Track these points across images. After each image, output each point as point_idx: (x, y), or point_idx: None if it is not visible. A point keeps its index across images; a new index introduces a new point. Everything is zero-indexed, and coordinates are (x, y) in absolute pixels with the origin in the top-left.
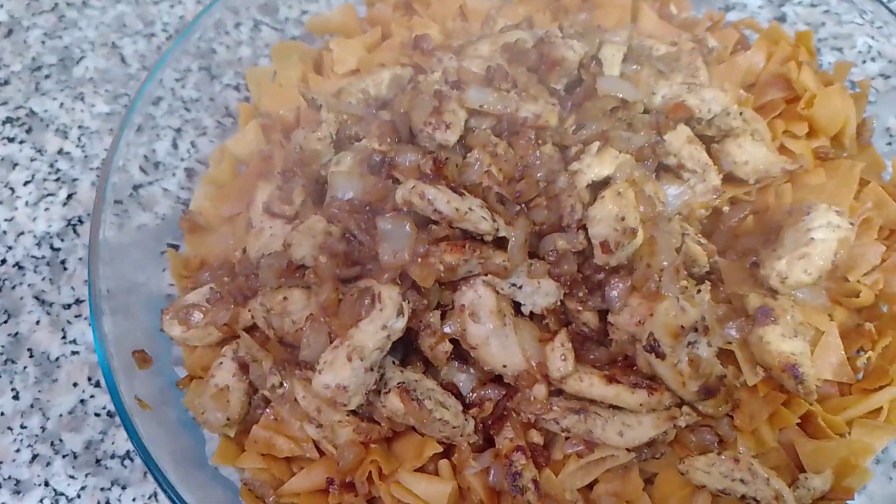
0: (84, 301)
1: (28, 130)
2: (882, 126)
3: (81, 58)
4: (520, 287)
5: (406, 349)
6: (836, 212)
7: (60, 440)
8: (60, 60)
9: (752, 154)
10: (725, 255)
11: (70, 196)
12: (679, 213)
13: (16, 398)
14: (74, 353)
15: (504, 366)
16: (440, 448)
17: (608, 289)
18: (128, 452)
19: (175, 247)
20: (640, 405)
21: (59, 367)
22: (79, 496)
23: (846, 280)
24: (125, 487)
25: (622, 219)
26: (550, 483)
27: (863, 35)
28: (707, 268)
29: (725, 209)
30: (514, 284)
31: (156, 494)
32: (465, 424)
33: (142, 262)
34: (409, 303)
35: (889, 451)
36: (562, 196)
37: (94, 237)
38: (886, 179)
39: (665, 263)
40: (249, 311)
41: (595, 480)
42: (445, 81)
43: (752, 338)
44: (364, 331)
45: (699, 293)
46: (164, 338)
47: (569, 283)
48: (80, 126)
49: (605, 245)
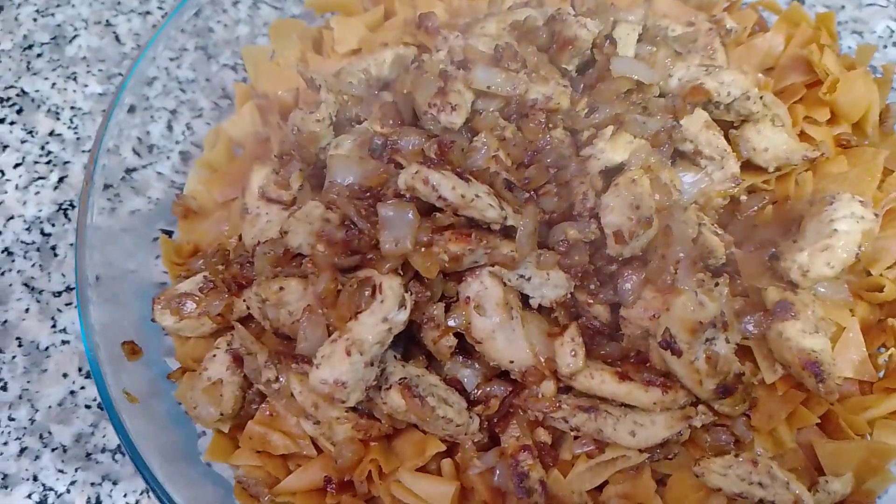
0: (75, 288)
1: (18, 111)
2: None
3: (74, 36)
4: (528, 279)
5: (408, 343)
6: (860, 202)
7: (49, 433)
8: (53, 39)
9: (773, 140)
10: (742, 247)
11: (61, 179)
12: (695, 202)
13: (3, 389)
14: (64, 343)
15: (511, 361)
16: (443, 446)
17: (621, 281)
18: (119, 446)
19: (169, 233)
20: (654, 404)
21: (49, 357)
22: (68, 491)
23: (868, 274)
24: (116, 483)
25: (637, 207)
26: (558, 484)
27: (884, 18)
28: (723, 260)
29: (743, 198)
30: (522, 276)
31: (148, 491)
32: (470, 422)
33: (133, 249)
34: (412, 294)
35: None
36: (573, 183)
37: (82, 222)
38: None
39: (681, 255)
40: (244, 301)
41: (605, 482)
42: (451, 61)
43: (771, 333)
44: (364, 323)
45: (717, 287)
46: (155, 328)
47: (579, 275)
48: (73, 107)
49: (619, 235)
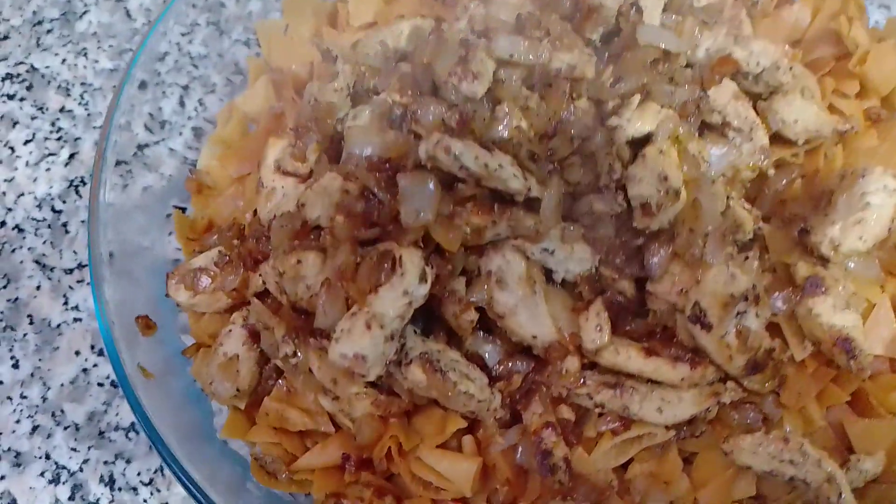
0: (87, 266)
1: (28, 87)
2: None
3: (84, 12)
4: (551, 252)
5: (428, 318)
6: (893, 175)
7: (62, 411)
8: (62, 14)
9: (802, 113)
10: (770, 222)
11: (72, 156)
12: (723, 175)
13: (15, 367)
14: (77, 321)
15: (533, 336)
16: (464, 423)
17: (648, 255)
18: (132, 424)
19: (182, 209)
20: (682, 380)
21: (61, 335)
22: (81, 470)
23: None
24: (130, 461)
25: (665, 179)
26: (582, 462)
27: None
28: (751, 235)
29: (771, 172)
30: (546, 249)
31: (162, 469)
32: (492, 398)
33: (146, 226)
34: (433, 268)
35: None
36: (599, 154)
37: (94, 199)
38: None
39: (710, 228)
40: (260, 276)
41: (630, 460)
42: (472, 31)
43: (801, 310)
44: (384, 297)
45: (748, 260)
46: (169, 305)
47: (605, 249)
48: (83, 83)
49: (647, 207)
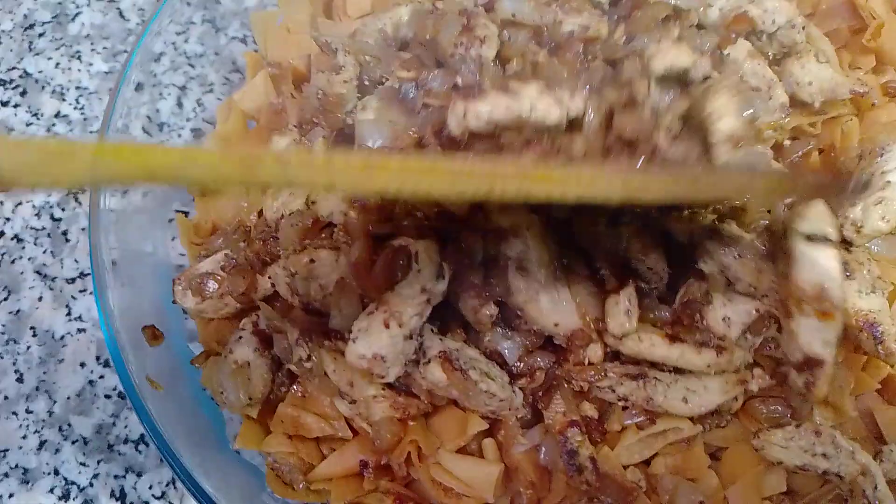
0: (89, 274)
1: (22, 93)
2: None
3: (77, 13)
4: None
5: (444, 314)
6: None
7: (69, 425)
8: (54, 17)
9: (817, 74)
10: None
11: None
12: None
13: (20, 381)
14: (80, 331)
15: (555, 324)
16: (485, 424)
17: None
18: (142, 436)
19: (184, 213)
20: (708, 366)
21: (65, 346)
22: (91, 485)
23: None
24: (141, 474)
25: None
26: (608, 462)
27: None
28: None
29: (787, 143)
30: None
31: (174, 481)
32: (514, 397)
33: (148, 231)
34: (450, 263)
35: None
36: (634, 83)
37: (95, 205)
38: None
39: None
40: (269, 279)
41: (653, 454)
42: (475, 4)
43: None
44: (401, 294)
45: None
46: (175, 311)
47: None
48: (78, 86)
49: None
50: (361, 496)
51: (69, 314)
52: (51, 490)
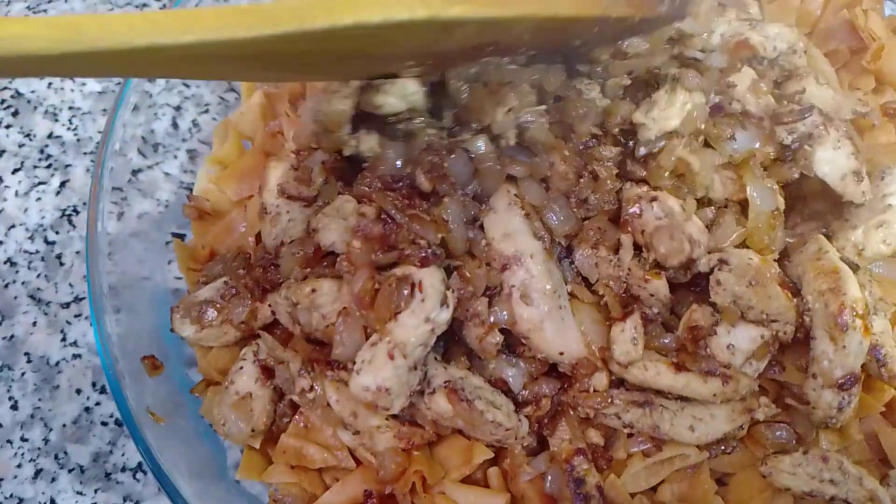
0: (83, 299)
1: (14, 113)
2: None
3: None
4: None
5: (448, 341)
6: None
7: (65, 453)
8: None
9: (819, 96)
10: (791, 215)
11: (63, 184)
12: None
13: (14, 408)
14: (76, 357)
15: (560, 353)
16: (491, 453)
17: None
18: (140, 464)
19: (181, 236)
20: (714, 395)
21: (61, 373)
22: None
23: None
24: (139, 503)
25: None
26: (615, 489)
27: None
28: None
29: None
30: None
31: None
32: (520, 425)
33: (144, 255)
34: (454, 291)
35: None
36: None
37: (93, 229)
38: None
39: None
40: (269, 307)
41: (660, 481)
42: None
43: None
44: (405, 324)
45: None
46: (173, 338)
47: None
48: (71, 107)
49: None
50: None
51: (64, 339)
52: None
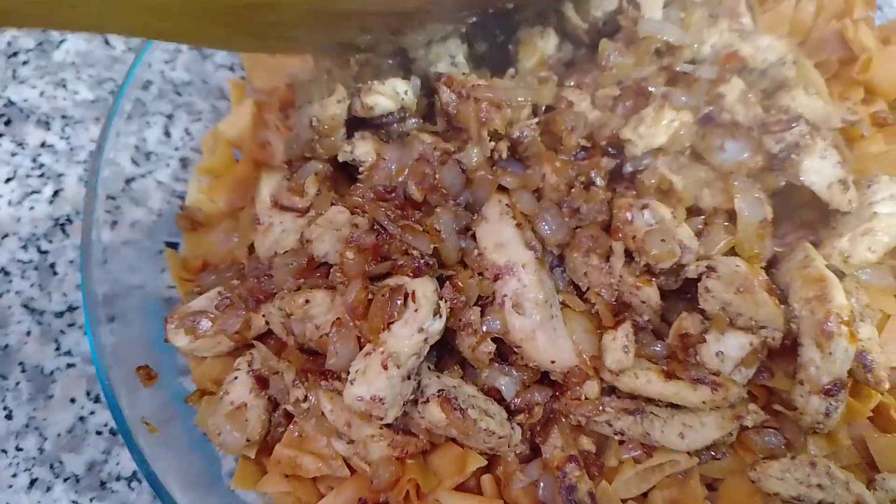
0: (77, 308)
1: (7, 122)
2: None
3: (61, 41)
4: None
5: (441, 350)
6: None
7: (60, 462)
8: (38, 45)
9: (808, 106)
10: (781, 224)
11: (56, 193)
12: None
13: (9, 418)
14: (70, 366)
15: (552, 361)
16: (484, 461)
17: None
18: (135, 473)
19: (173, 245)
20: (703, 403)
21: (55, 382)
22: None
23: None
24: None
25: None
26: (607, 496)
27: None
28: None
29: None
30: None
31: None
32: (512, 433)
33: (137, 263)
34: (447, 301)
35: None
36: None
37: (87, 238)
38: None
39: None
40: (263, 317)
41: (650, 487)
42: None
43: None
44: (398, 335)
45: None
46: (166, 347)
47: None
48: (64, 115)
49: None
50: None
51: (58, 349)
52: None
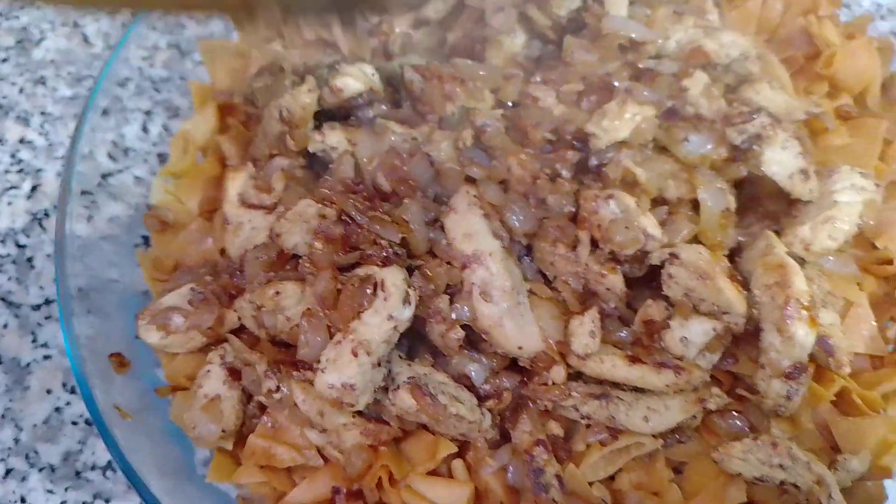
0: (54, 301)
1: None
2: None
3: (41, 39)
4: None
5: (411, 339)
6: (861, 173)
7: (36, 452)
8: (18, 42)
9: (772, 100)
10: (746, 215)
11: (34, 188)
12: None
13: None
14: (46, 358)
15: (520, 347)
16: (455, 448)
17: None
18: (110, 463)
19: (148, 240)
20: (667, 386)
21: (31, 374)
22: None
23: (874, 247)
24: (109, 500)
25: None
26: (574, 479)
27: None
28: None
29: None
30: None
31: None
32: (482, 419)
33: (114, 257)
34: (416, 290)
35: None
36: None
37: (61, 231)
38: None
39: None
40: (236, 312)
41: (618, 470)
42: None
43: None
44: (368, 323)
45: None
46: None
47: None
48: (43, 112)
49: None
50: None
51: (35, 341)
52: None
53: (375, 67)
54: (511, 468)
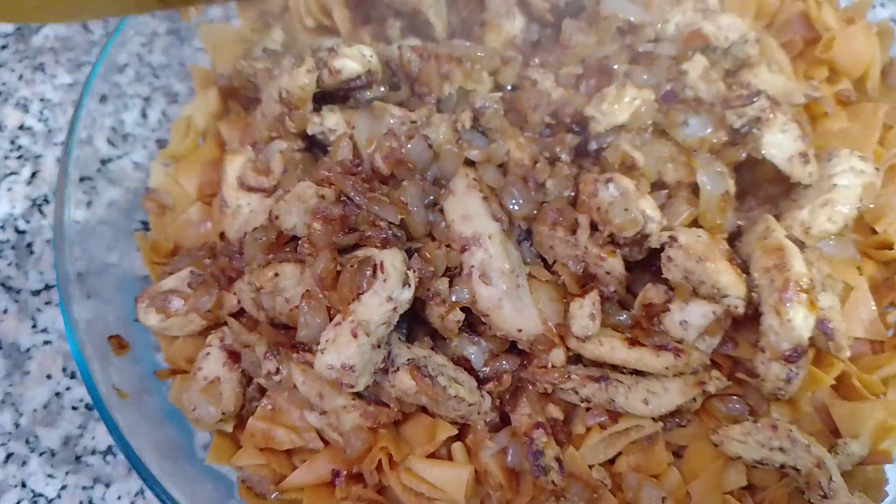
0: (53, 286)
1: None
2: None
3: (40, 26)
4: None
5: (410, 321)
6: (860, 157)
7: (36, 437)
8: (17, 29)
9: (771, 83)
10: (746, 199)
11: (34, 174)
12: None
13: None
14: (46, 343)
15: (519, 330)
16: (454, 430)
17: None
18: (110, 447)
19: (149, 226)
20: (666, 369)
21: (31, 359)
22: (59, 496)
23: (874, 232)
24: (109, 485)
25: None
26: (574, 462)
27: None
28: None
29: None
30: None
31: (143, 491)
32: (482, 401)
33: (113, 242)
34: (415, 271)
35: None
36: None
37: (59, 216)
38: None
39: None
40: (234, 294)
41: (617, 453)
42: None
43: None
44: (367, 304)
45: None
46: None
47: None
48: (42, 99)
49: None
50: None
51: (35, 326)
52: (18, 503)
53: (374, 50)
54: (510, 451)
